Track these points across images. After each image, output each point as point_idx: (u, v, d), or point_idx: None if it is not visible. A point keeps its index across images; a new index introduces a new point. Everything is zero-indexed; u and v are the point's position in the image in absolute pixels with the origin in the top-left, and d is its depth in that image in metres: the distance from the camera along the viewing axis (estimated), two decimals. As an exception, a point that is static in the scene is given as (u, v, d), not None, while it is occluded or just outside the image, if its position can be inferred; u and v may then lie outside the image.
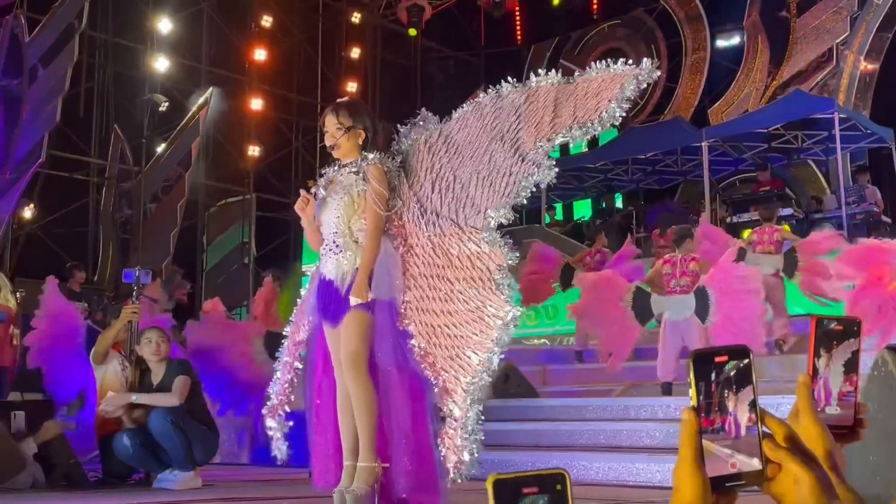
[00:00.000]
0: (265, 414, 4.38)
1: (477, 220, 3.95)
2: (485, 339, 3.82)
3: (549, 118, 3.86)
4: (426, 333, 3.96)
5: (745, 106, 15.81)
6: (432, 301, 3.98)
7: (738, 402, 0.92)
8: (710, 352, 0.93)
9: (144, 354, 5.89)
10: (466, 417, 3.81)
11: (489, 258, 3.87)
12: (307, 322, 4.28)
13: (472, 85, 19.06)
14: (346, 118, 4.20)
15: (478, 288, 3.87)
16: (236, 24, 17.20)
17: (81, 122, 15.17)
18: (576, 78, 3.89)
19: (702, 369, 0.92)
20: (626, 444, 6.09)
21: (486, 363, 3.82)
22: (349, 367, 3.98)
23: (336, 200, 4.13)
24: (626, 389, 8.14)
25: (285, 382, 4.34)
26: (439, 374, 3.90)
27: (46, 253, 14.38)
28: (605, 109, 3.73)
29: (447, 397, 3.88)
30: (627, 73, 3.78)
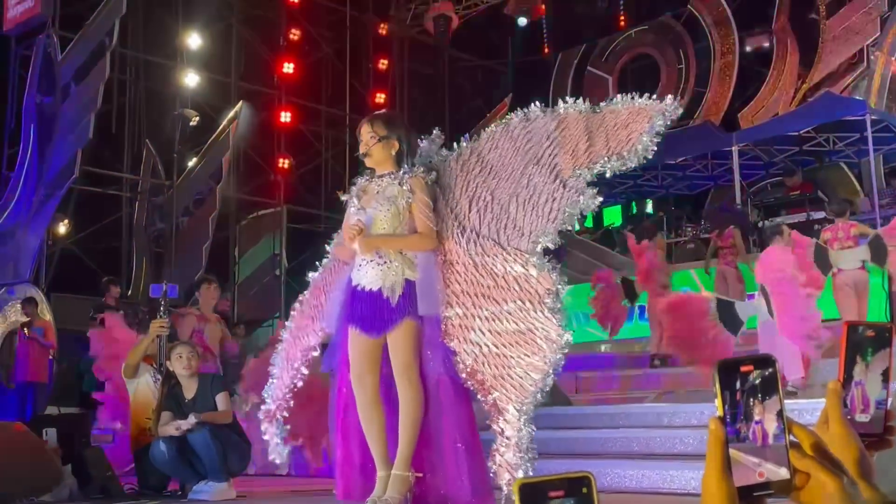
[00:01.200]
0: (262, 418, 4.40)
1: (521, 243, 3.98)
2: (537, 360, 3.85)
3: (584, 146, 3.92)
4: (472, 352, 3.98)
5: (776, 109, 15.68)
6: (477, 319, 4.01)
7: (764, 410, 0.92)
8: (736, 361, 0.93)
9: (176, 370, 5.94)
10: (520, 436, 3.83)
11: (538, 282, 3.90)
12: (321, 329, 4.30)
13: (500, 94, 19.08)
14: (381, 128, 4.23)
15: (528, 311, 3.90)
16: (265, 39, 17.35)
17: (114, 138, 15.35)
18: (602, 108, 3.97)
19: (727, 379, 0.92)
20: (659, 451, 6.06)
21: (541, 384, 3.85)
22: (403, 376, 4.01)
23: (382, 211, 4.14)
24: (659, 396, 8.10)
25: (285, 388, 4.36)
26: (488, 392, 3.93)
27: (81, 268, 14.56)
28: (639, 142, 3.81)
29: (498, 416, 3.90)
30: (652, 107, 3.87)
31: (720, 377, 0.92)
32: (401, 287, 4.06)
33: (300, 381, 4.41)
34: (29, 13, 14.08)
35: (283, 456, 4.36)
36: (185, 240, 14.85)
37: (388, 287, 4.06)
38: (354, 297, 4.15)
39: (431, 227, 4.11)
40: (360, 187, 4.32)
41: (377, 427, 4.05)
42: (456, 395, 4.03)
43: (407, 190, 4.13)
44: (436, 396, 4.05)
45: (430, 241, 4.12)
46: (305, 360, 4.39)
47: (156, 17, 15.99)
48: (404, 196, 4.13)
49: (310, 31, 17.71)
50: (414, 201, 4.11)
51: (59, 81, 13.64)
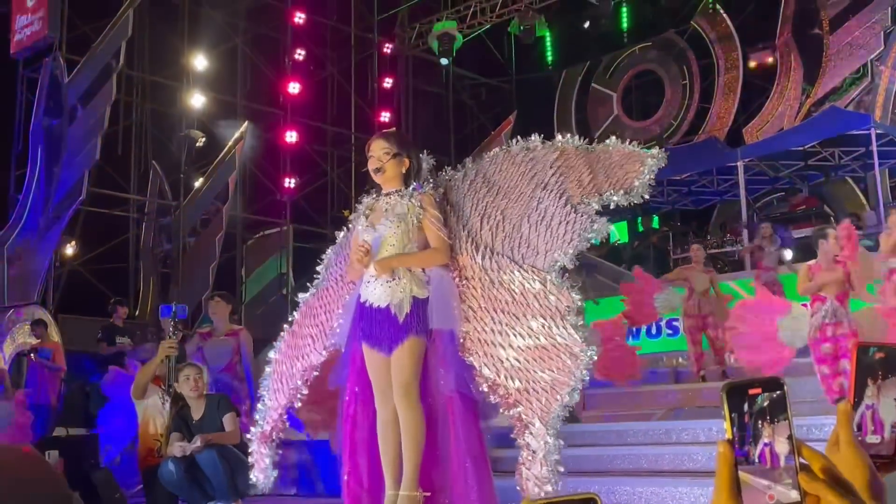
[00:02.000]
0: (255, 439, 4.39)
1: (537, 261, 4.02)
2: (561, 375, 3.86)
3: (588, 178, 4.05)
4: (494, 366, 3.99)
5: (780, 124, 15.70)
6: (495, 334, 4.01)
7: (773, 433, 0.92)
8: (744, 384, 0.93)
9: (183, 391, 5.95)
10: (547, 450, 3.83)
11: (557, 299, 3.93)
12: (325, 347, 4.30)
13: (504, 111, 19.13)
14: (395, 145, 4.25)
15: (550, 327, 3.92)
16: (270, 59, 17.42)
17: (120, 159, 15.41)
18: (595, 147, 4.15)
19: (735, 401, 0.92)
20: (668, 469, 6.03)
21: (567, 398, 3.86)
22: (401, 395, 4.01)
23: (391, 229, 4.14)
24: (667, 413, 8.07)
25: (280, 409, 4.35)
26: (513, 406, 3.93)
27: (88, 289, 14.59)
28: (637, 180, 4.00)
29: (524, 430, 3.90)
30: (641, 154, 4.07)
31: (728, 399, 0.92)
32: (408, 304, 4.06)
33: (299, 401, 4.40)
34: (36, 36, 14.17)
35: (270, 480, 4.36)
36: (191, 260, 14.88)
37: (396, 304, 4.06)
38: (363, 313, 4.15)
39: (445, 240, 4.14)
40: (367, 205, 4.32)
41: (392, 446, 4.05)
42: (465, 412, 4.03)
43: (417, 206, 4.14)
44: (444, 414, 4.05)
45: (444, 255, 4.14)
46: (305, 379, 4.38)
47: (162, 39, 16.07)
48: (414, 213, 4.14)
49: (315, 51, 17.79)
50: (425, 217, 4.12)
51: (65, 104, 13.72)
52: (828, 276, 7.03)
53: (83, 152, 13.38)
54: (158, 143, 15.94)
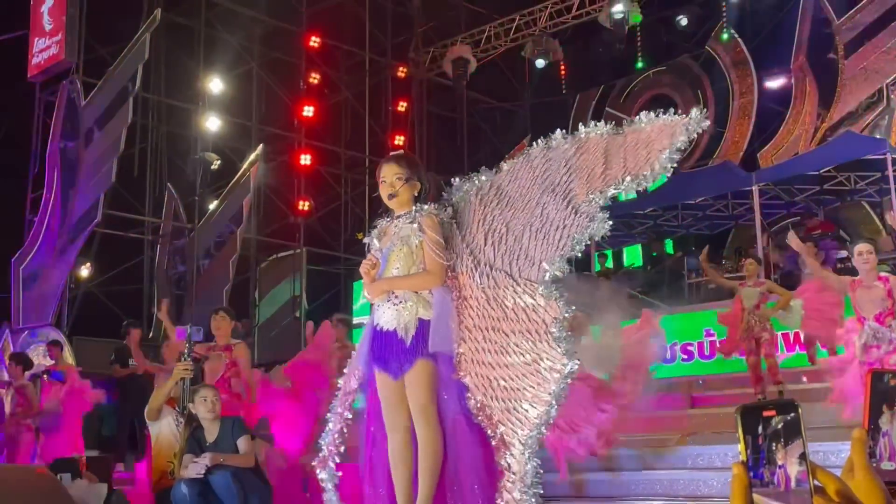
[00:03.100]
0: (315, 465, 4.38)
1: (531, 273, 3.94)
2: (541, 392, 3.80)
3: (601, 170, 3.87)
4: (482, 386, 3.95)
5: (795, 149, 15.68)
6: (487, 353, 3.97)
7: (787, 455, 0.91)
8: (758, 406, 0.92)
9: (199, 413, 5.93)
10: (525, 471, 3.79)
11: (545, 311, 3.86)
12: (359, 371, 4.30)
13: (518, 135, 19.16)
14: (406, 169, 4.24)
15: (534, 341, 3.85)
16: (285, 83, 17.53)
17: (136, 181, 15.50)
18: (625, 128, 3.89)
19: (749, 423, 0.92)
20: (683, 494, 5.99)
21: (544, 416, 3.80)
22: (419, 417, 4.00)
23: (395, 251, 4.15)
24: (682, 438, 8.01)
25: (336, 433, 4.34)
26: (496, 427, 3.89)
27: (102, 311, 14.63)
28: (657, 160, 3.73)
29: (505, 450, 3.86)
30: (677, 122, 3.76)
31: (742, 421, 0.91)
32: (414, 327, 4.05)
33: (346, 426, 4.39)
34: (53, 60, 14.31)
35: (335, 501, 4.33)
36: (205, 282, 14.93)
37: (402, 327, 4.06)
38: (374, 336, 4.17)
39: (440, 262, 4.09)
40: (380, 229, 4.33)
41: (405, 472, 4.03)
42: (472, 433, 4.00)
43: (418, 228, 4.14)
44: (452, 436, 4.03)
45: (436, 279, 4.10)
46: (348, 404, 4.38)
47: (178, 62, 16.21)
48: (416, 235, 4.13)
49: (329, 75, 17.89)
50: (424, 238, 4.11)
51: (82, 127, 13.83)
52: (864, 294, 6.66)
53: (99, 175, 13.47)
54: (173, 165, 16.04)
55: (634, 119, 3.90)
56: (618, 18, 16.24)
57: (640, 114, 3.87)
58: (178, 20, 15.93)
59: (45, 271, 13.57)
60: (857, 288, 6.69)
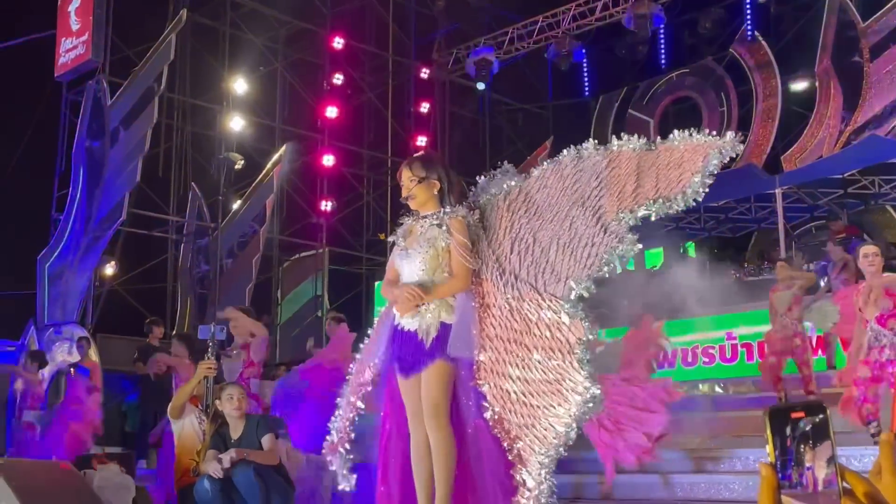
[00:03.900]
0: (325, 451, 4.40)
1: (557, 288, 3.90)
2: (562, 412, 3.77)
3: (632, 188, 3.83)
4: (500, 398, 3.93)
5: (819, 152, 15.57)
6: (507, 365, 3.94)
7: (815, 457, 0.92)
8: (786, 407, 0.93)
9: (225, 410, 5.95)
10: (540, 490, 3.78)
11: (569, 330, 3.81)
12: (373, 364, 4.31)
13: (540, 137, 19.15)
14: (420, 170, 4.23)
15: (558, 360, 3.81)
16: (308, 83, 17.60)
17: (160, 181, 15.60)
18: (658, 145, 3.85)
19: (777, 425, 0.93)
20: (703, 497, 5.98)
21: (564, 437, 3.77)
22: (431, 416, 3.99)
23: (420, 253, 4.13)
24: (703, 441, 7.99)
25: (346, 420, 4.36)
26: (514, 441, 3.87)
27: (126, 309, 14.74)
28: (689, 184, 3.70)
29: (520, 466, 3.84)
30: (710, 144, 3.73)
31: (771, 423, 0.93)
32: (435, 329, 4.04)
33: (357, 414, 4.42)
34: (79, 59, 14.43)
35: (351, 483, 4.35)
36: (228, 281, 15.00)
37: (424, 329, 4.05)
38: (394, 335, 4.17)
39: (467, 267, 4.07)
40: (405, 228, 4.32)
41: (426, 469, 4.04)
42: (493, 438, 4.00)
43: (445, 231, 4.13)
44: (475, 441, 4.02)
45: (463, 283, 4.08)
46: (360, 394, 4.39)
47: (203, 63, 16.30)
48: (444, 237, 4.12)
49: (352, 76, 17.94)
50: (451, 241, 4.11)
51: (108, 126, 13.93)
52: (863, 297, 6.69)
53: (124, 174, 13.57)
54: (198, 165, 16.13)
55: (670, 137, 3.85)
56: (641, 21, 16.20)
57: (674, 132, 3.83)
58: (203, 21, 16.02)
59: (70, 269, 13.68)
60: (859, 294, 6.71)
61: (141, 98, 13.86)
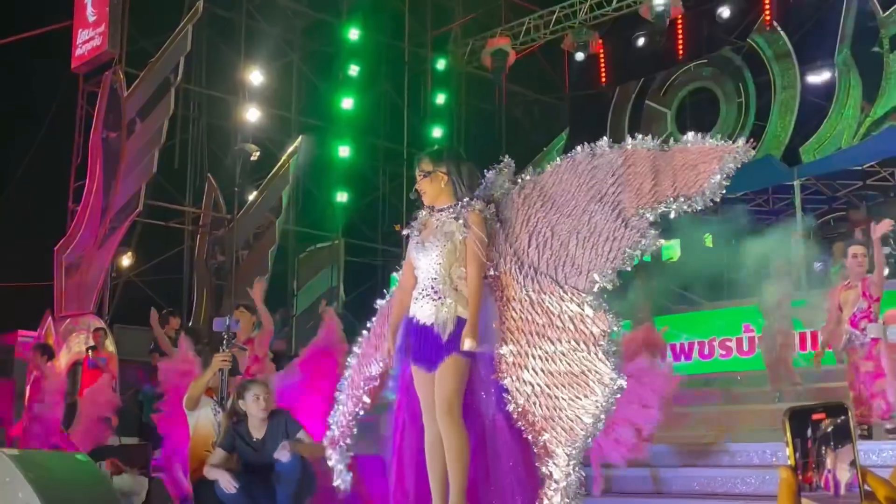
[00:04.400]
0: (325, 445, 4.39)
1: (578, 281, 3.91)
2: (589, 404, 3.78)
3: (650, 186, 3.86)
4: (523, 391, 3.93)
5: (838, 143, 15.45)
6: (530, 358, 3.95)
7: (836, 459, 0.89)
8: (807, 409, 0.91)
9: (250, 411, 5.80)
10: (568, 482, 3.77)
11: (593, 322, 3.83)
12: (381, 358, 4.29)
13: (557, 128, 19.09)
14: (427, 164, 4.24)
15: (582, 352, 3.83)
16: (324, 74, 17.59)
17: (177, 172, 15.64)
18: (671, 146, 3.90)
19: (798, 426, 0.90)
20: (721, 491, 5.94)
21: (591, 428, 3.79)
22: (443, 412, 3.98)
23: (438, 247, 4.12)
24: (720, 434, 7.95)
25: (349, 414, 4.35)
26: (539, 434, 3.87)
27: (143, 300, 14.76)
28: (708, 185, 3.75)
29: (547, 458, 3.84)
30: (723, 149, 3.79)
31: (791, 425, 0.90)
32: (452, 324, 4.02)
33: (363, 409, 4.41)
34: (96, 51, 14.46)
35: (347, 482, 4.35)
36: (244, 272, 15.02)
37: (441, 323, 4.04)
38: (410, 329, 4.16)
39: (482, 262, 4.06)
40: (421, 220, 4.31)
41: (440, 463, 4.03)
42: (511, 434, 3.98)
43: (463, 225, 4.11)
44: (492, 436, 4.01)
45: (478, 280, 4.06)
46: (367, 388, 4.39)
47: (219, 54, 16.31)
48: (461, 231, 4.11)
49: (368, 67, 17.91)
50: (469, 236, 4.09)
51: (124, 117, 13.97)
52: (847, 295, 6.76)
53: (141, 165, 13.60)
54: (214, 156, 16.15)
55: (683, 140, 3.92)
56: (659, 11, 16.11)
57: (688, 134, 3.91)
58: (219, 12, 16.02)
59: (86, 260, 13.74)
60: (842, 290, 6.81)
61: (157, 89, 13.89)
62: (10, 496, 5.13)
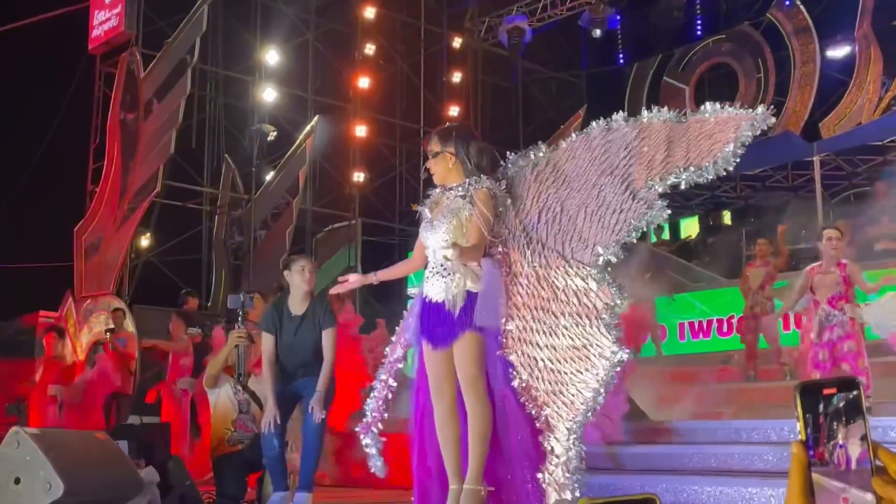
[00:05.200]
0: (359, 431, 4.42)
1: (584, 255, 3.90)
2: (589, 377, 3.79)
3: (662, 157, 3.81)
4: (528, 366, 3.94)
5: (858, 118, 15.32)
6: (535, 333, 3.95)
7: (848, 434, 0.89)
8: (818, 384, 0.91)
9: (294, 282, 5.78)
10: (569, 456, 3.78)
11: (596, 296, 3.83)
12: (404, 341, 4.32)
13: (574, 105, 19.00)
14: (436, 144, 4.25)
15: (584, 326, 3.82)
16: (340, 54, 17.55)
17: (194, 152, 15.68)
18: (689, 117, 3.85)
19: (809, 402, 0.90)
20: (737, 468, 5.93)
21: (591, 402, 3.79)
22: (467, 386, 4.00)
23: (444, 224, 4.14)
24: (738, 412, 7.94)
25: (380, 399, 4.38)
26: (541, 408, 3.89)
27: (162, 280, 14.87)
28: (721, 153, 3.68)
29: (548, 433, 3.85)
30: (742, 116, 3.71)
31: (802, 400, 0.90)
32: (462, 299, 4.04)
33: (390, 392, 4.44)
34: (113, 32, 14.49)
35: (380, 468, 4.39)
36: (262, 252, 15.07)
37: (451, 299, 4.05)
38: (423, 308, 4.18)
39: (484, 237, 4.06)
40: (433, 200, 4.33)
41: (452, 440, 4.05)
42: (520, 409, 3.99)
43: (469, 201, 4.12)
44: (502, 411, 4.03)
45: (477, 253, 4.07)
46: (392, 371, 4.42)
47: (235, 34, 16.30)
48: (467, 208, 4.12)
49: (384, 46, 17.86)
50: (474, 211, 4.10)
51: (141, 98, 14.00)
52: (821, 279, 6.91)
53: (158, 146, 13.64)
54: (231, 136, 16.18)
55: (701, 109, 3.84)
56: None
57: (706, 103, 3.82)
58: (234, -8, 16.02)
59: (106, 241, 13.82)
60: (815, 274, 6.96)
61: (174, 70, 13.90)
62: (31, 474, 5.18)
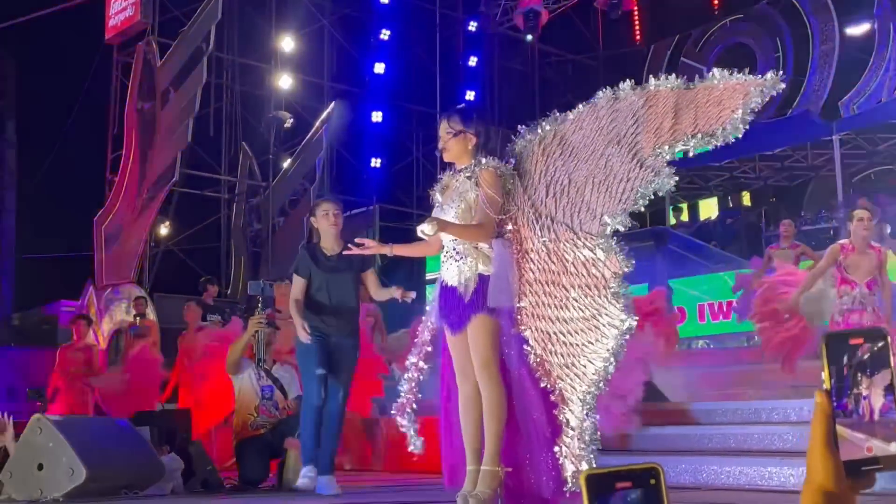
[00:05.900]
0: (394, 412, 4.44)
1: (592, 226, 3.88)
2: (600, 348, 3.79)
3: (669, 124, 3.78)
4: (542, 340, 3.95)
5: (879, 97, 15.17)
6: (547, 308, 3.95)
7: (872, 385, 0.88)
8: (845, 333, 0.89)
9: (321, 226, 5.78)
10: (583, 427, 3.79)
11: (604, 265, 3.81)
12: (431, 324, 4.33)
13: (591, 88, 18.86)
14: (457, 123, 4.23)
15: (593, 296, 3.82)
16: (356, 40, 17.55)
17: (211, 140, 15.72)
18: (697, 84, 3.81)
19: (835, 351, 0.89)
20: (756, 448, 5.91)
21: (602, 373, 3.79)
22: (481, 368, 4.01)
23: (453, 207, 4.15)
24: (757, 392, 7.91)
25: (412, 381, 4.41)
26: (555, 382, 3.89)
27: (181, 268, 14.94)
28: (729, 120, 3.65)
29: (563, 406, 3.87)
30: (751, 82, 3.69)
31: (828, 349, 0.89)
32: (474, 282, 4.05)
33: (421, 374, 4.45)
34: (129, 21, 14.54)
35: (419, 446, 4.41)
36: (281, 239, 15.12)
37: (463, 283, 4.07)
38: (441, 292, 4.20)
39: (492, 217, 4.05)
40: (443, 184, 4.33)
41: (473, 422, 4.06)
42: (536, 387, 3.99)
43: (475, 183, 4.11)
44: (519, 390, 4.03)
45: (487, 234, 4.06)
46: (421, 354, 4.43)
47: (250, 22, 16.31)
48: (473, 190, 4.11)
49: (400, 31, 17.83)
50: (480, 192, 4.08)
51: (158, 87, 14.05)
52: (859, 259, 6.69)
53: (176, 134, 13.69)
54: (248, 124, 16.21)
55: (709, 76, 3.80)
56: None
57: (714, 70, 3.80)
58: (249, -21, 16.02)
59: (125, 230, 13.90)
60: (849, 254, 6.72)
61: (190, 58, 13.94)
62: (54, 461, 5.23)
